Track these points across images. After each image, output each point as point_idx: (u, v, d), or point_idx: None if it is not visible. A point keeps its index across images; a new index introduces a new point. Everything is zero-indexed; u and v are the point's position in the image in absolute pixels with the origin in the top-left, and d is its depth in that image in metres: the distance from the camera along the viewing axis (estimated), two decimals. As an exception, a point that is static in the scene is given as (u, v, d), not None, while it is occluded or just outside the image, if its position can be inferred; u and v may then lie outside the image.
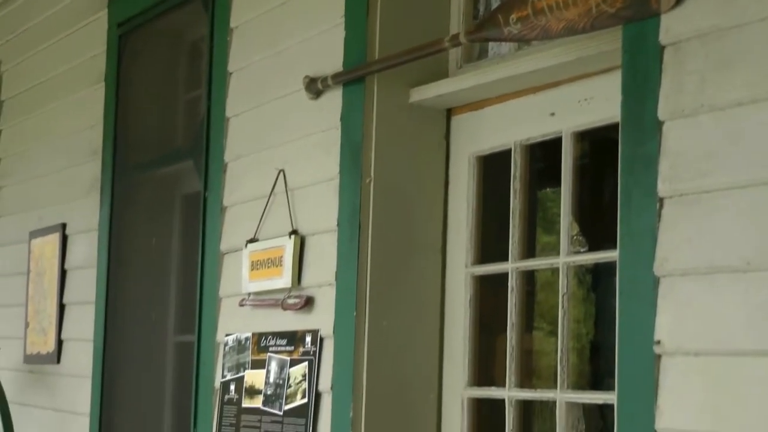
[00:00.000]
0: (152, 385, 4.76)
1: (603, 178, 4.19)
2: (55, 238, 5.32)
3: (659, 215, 2.42)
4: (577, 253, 3.02)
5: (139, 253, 4.88)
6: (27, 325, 5.56)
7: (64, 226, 5.27)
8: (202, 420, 3.96)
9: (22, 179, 5.85)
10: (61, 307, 5.24)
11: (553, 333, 3.02)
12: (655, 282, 2.41)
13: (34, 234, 5.55)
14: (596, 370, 4.28)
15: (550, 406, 3.03)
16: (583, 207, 3.23)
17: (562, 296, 2.93)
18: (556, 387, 2.92)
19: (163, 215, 4.78)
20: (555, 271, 2.98)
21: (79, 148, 5.20)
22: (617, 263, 2.51)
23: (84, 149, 5.14)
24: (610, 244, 2.63)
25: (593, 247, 3.31)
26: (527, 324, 3.23)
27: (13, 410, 5.20)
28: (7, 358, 5.67)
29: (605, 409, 3.85)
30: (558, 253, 2.95)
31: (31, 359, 5.50)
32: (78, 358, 5.03)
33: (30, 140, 5.79)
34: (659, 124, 2.44)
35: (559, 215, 2.96)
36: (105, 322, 4.83)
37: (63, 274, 5.25)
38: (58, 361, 5.23)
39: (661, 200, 2.42)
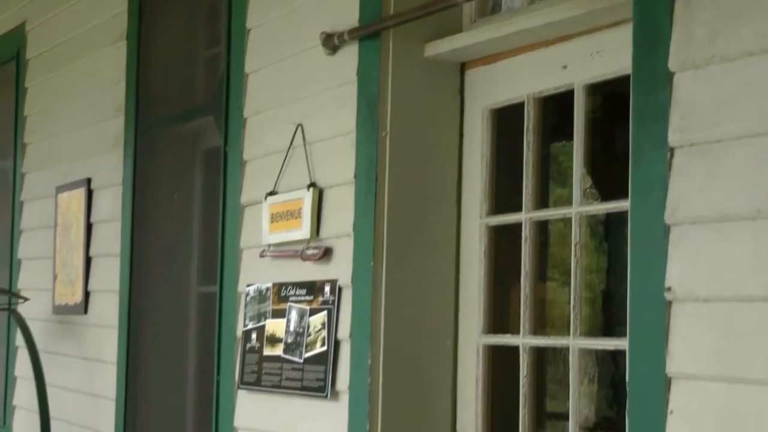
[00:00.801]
0: (177, 334, 4.78)
1: (615, 131, 4.16)
2: (80, 193, 5.32)
3: (670, 165, 2.39)
4: (590, 203, 2.99)
5: (162, 206, 4.88)
6: (55, 277, 5.58)
7: (89, 180, 5.27)
8: (225, 368, 3.97)
9: (48, 135, 5.85)
10: (88, 260, 5.25)
11: (566, 283, 3.00)
12: (666, 230, 2.39)
13: (61, 189, 5.56)
14: (608, 318, 4.27)
15: (563, 353, 3.02)
16: (595, 160, 3.20)
17: (575, 245, 2.91)
18: (569, 335, 2.91)
19: (185, 170, 4.77)
20: (568, 222, 2.96)
21: (102, 104, 5.19)
22: (629, 213, 2.49)
23: (108, 106, 5.13)
24: (623, 195, 2.61)
25: (606, 199, 3.29)
26: (541, 274, 3.22)
27: (43, 359, 5.22)
28: (37, 309, 5.70)
29: (617, 356, 3.84)
30: (571, 205, 2.93)
31: (59, 310, 5.53)
32: (105, 308, 5.05)
33: (55, 97, 5.78)
34: (670, 76, 2.41)
35: (572, 168, 2.93)
36: (130, 274, 4.84)
37: (89, 227, 5.26)
38: (86, 311, 5.25)
39: (672, 150, 2.39)
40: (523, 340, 3.08)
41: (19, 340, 5.66)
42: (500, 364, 3.24)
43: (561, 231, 3.36)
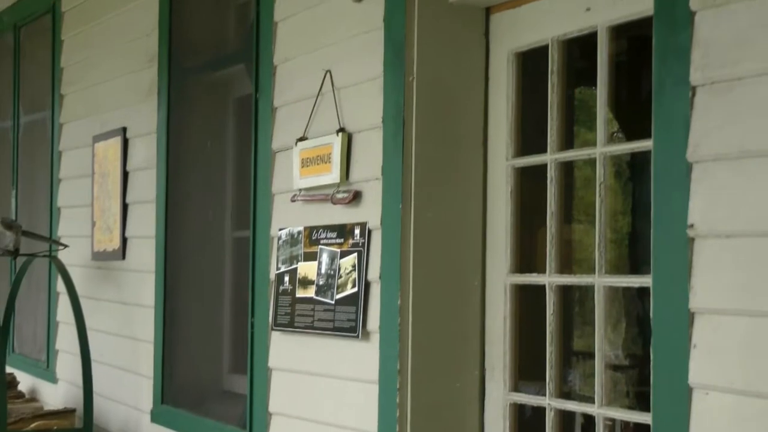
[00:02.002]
0: (212, 278, 4.81)
1: (638, 74, 4.14)
2: (116, 142, 5.35)
3: (692, 103, 2.38)
4: (614, 144, 2.98)
5: (196, 154, 4.90)
6: (93, 224, 5.62)
7: (124, 129, 5.30)
8: (259, 310, 4.00)
9: (85, 86, 5.87)
10: (125, 207, 5.29)
11: (591, 224, 3.00)
12: (688, 168, 2.38)
13: (97, 138, 5.59)
14: (633, 257, 4.27)
15: (589, 293, 3.02)
16: (619, 101, 3.19)
17: (599, 185, 2.90)
18: (594, 274, 2.91)
19: (217, 117, 4.78)
20: (593, 164, 2.95)
21: (136, 54, 5.20)
22: (651, 151, 2.48)
23: (141, 56, 5.14)
24: (646, 136, 2.60)
25: (630, 140, 3.27)
26: (567, 216, 3.22)
27: (84, 304, 5.27)
28: (77, 256, 5.75)
29: (642, 294, 3.84)
30: (595, 146, 2.92)
31: (98, 256, 5.57)
32: (142, 254, 5.09)
33: (90, 49, 5.80)
34: (691, 15, 2.39)
35: (596, 110, 2.92)
36: (166, 220, 4.87)
37: (125, 175, 5.29)
38: (124, 257, 5.29)
39: (694, 89, 2.38)
40: (550, 279, 3.08)
41: (60, 286, 5.72)
42: (527, 303, 3.25)
43: (586, 175, 3.35)
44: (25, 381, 6.34)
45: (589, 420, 3.14)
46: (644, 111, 2.67)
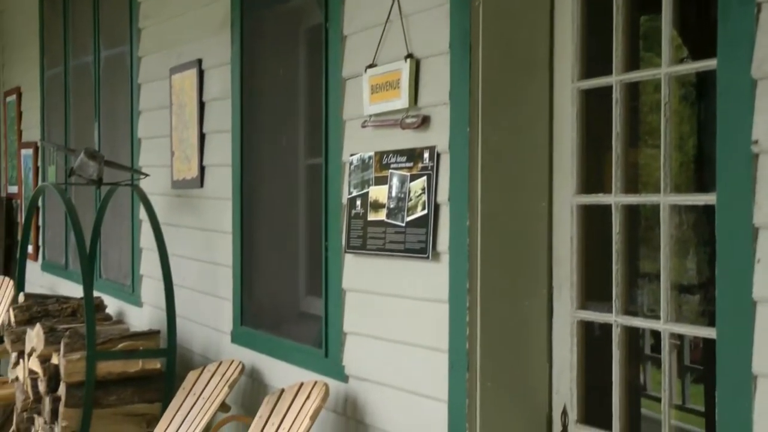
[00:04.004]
0: (286, 204, 4.84)
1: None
2: (192, 73, 5.37)
3: (757, 20, 2.32)
4: (678, 63, 2.92)
5: (269, 83, 4.90)
6: (172, 154, 5.67)
7: (200, 61, 5.31)
8: (333, 233, 4.02)
9: (161, 20, 5.89)
10: (202, 136, 5.32)
11: (657, 149, 2.95)
12: (753, 84, 2.33)
13: (174, 70, 5.61)
14: (699, 180, 4.21)
15: (655, 214, 2.97)
16: (685, 24, 3.12)
17: (664, 105, 2.86)
18: (660, 193, 2.88)
19: (288, 47, 4.77)
20: (659, 90, 2.89)
21: (210, -12, 5.20)
22: (716, 69, 2.43)
23: (215, -11, 5.14)
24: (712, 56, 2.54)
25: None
26: (632, 141, 3.16)
27: (165, 231, 5.34)
28: (157, 184, 5.81)
29: (707, 212, 3.79)
30: (660, 66, 2.87)
31: (177, 184, 5.63)
32: (219, 182, 5.13)
33: (166, -17, 5.81)
34: (757, -69, 2.32)
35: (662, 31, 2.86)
36: (241, 149, 4.90)
37: (201, 105, 5.31)
38: (202, 185, 5.34)
39: (759, 5, 2.32)
40: (615, 199, 3.05)
41: (142, 214, 5.79)
42: (593, 224, 3.22)
43: (653, 100, 3.28)
44: (112, 305, 6.45)
45: (656, 339, 3.12)
46: (710, 33, 2.61)
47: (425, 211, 3.43)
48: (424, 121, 3.44)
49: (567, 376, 3.21)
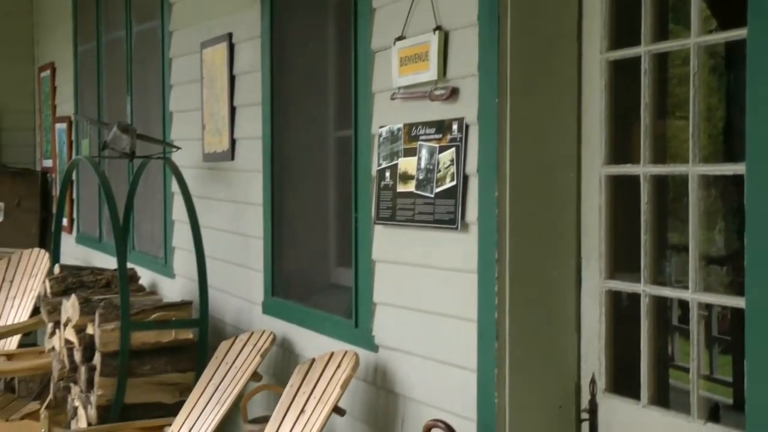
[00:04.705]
0: (316, 176, 4.84)
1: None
2: (223, 47, 5.36)
3: (788, -12, 2.29)
4: (708, 33, 2.88)
5: (298, 57, 4.89)
6: (203, 127, 5.68)
7: (230, 35, 5.31)
8: (362, 205, 4.01)
9: (191, -5, 5.89)
10: (232, 110, 5.32)
11: (686, 120, 2.92)
12: (784, 54, 2.30)
13: (205, 44, 5.61)
14: (728, 152, 4.17)
15: (683, 185, 2.94)
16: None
17: (693, 75, 2.83)
18: (688, 163, 2.85)
19: (318, 20, 4.75)
20: (688, 62, 2.86)
21: (240, -38, 5.19)
22: (746, 39, 2.40)
23: (244, -37, 5.12)
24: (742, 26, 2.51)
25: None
26: (660, 111, 3.13)
27: (196, 203, 5.35)
28: (188, 157, 5.82)
29: (736, 183, 3.75)
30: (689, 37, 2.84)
31: (208, 157, 5.63)
32: (250, 154, 5.13)
33: (196, -42, 5.80)
34: None
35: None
36: (272, 122, 4.89)
37: (232, 79, 5.31)
38: (233, 158, 5.34)
39: (790, -26, 2.29)
40: (644, 169, 3.03)
41: (174, 186, 5.80)
42: (622, 194, 3.20)
43: (681, 73, 3.24)
44: (145, 276, 6.48)
45: (684, 311, 3.10)
46: (739, 4, 2.58)
47: (454, 183, 3.41)
48: (453, 93, 3.42)
49: (595, 345, 3.20)
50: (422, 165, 3.58)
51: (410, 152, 3.65)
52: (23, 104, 9.95)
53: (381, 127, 3.84)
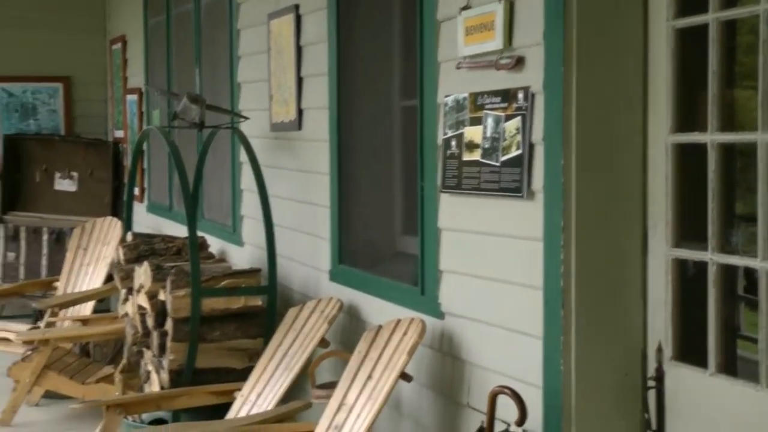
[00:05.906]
0: (383, 145, 4.83)
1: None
2: (289, 19, 5.36)
3: None
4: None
5: (364, 27, 4.87)
6: (271, 97, 5.69)
7: (297, 6, 5.30)
8: (428, 174, 4.00)
9: (259, -33, 5.89)
10: (299, 80, 5.32)
11: (755, 89, 2.85)
12: None
13: (272, 16, 5.61)
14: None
15: (752, 155, 2.88)
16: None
17: (762, 43, 2.76)
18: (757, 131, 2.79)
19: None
20: (754, 28, 2.79)
21: (306, -67, 5.17)
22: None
23: (311, -65, 5.11)
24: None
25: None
26: (728, 80, 3.07)
27: (264, 172, 5.38)
28: (256, 128, 5.84)
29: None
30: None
31: (276, 127, 5.65)
32: (317, 124, 5.13)
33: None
34: None
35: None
36: (338, 92, 4.88)
37: (299, 50, 5.31)
38: (300, 127, 5.35)
39: None
40: (711, 137, 2.98)
41: (243, 156, 5.83)
42: (689, 163, 3.15)
43: (750, 42, 3.17)
44: (214, 244, 6.53)
45: (748, 282, 3.05)
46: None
47: (520, 151, 3.38)
48: (519, 62, 3.38)
49: (662, 313, 3.16)
50: (488, 134, 3.56)
51: (476, 121, 3.63)
52: (95, 76, 10.06)
53: (446, 96, 3.82)
